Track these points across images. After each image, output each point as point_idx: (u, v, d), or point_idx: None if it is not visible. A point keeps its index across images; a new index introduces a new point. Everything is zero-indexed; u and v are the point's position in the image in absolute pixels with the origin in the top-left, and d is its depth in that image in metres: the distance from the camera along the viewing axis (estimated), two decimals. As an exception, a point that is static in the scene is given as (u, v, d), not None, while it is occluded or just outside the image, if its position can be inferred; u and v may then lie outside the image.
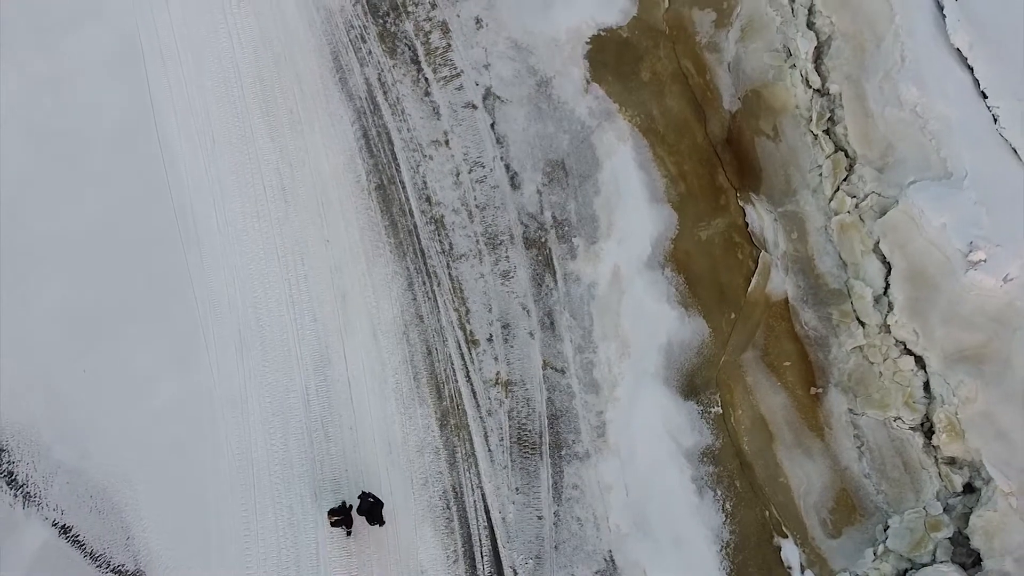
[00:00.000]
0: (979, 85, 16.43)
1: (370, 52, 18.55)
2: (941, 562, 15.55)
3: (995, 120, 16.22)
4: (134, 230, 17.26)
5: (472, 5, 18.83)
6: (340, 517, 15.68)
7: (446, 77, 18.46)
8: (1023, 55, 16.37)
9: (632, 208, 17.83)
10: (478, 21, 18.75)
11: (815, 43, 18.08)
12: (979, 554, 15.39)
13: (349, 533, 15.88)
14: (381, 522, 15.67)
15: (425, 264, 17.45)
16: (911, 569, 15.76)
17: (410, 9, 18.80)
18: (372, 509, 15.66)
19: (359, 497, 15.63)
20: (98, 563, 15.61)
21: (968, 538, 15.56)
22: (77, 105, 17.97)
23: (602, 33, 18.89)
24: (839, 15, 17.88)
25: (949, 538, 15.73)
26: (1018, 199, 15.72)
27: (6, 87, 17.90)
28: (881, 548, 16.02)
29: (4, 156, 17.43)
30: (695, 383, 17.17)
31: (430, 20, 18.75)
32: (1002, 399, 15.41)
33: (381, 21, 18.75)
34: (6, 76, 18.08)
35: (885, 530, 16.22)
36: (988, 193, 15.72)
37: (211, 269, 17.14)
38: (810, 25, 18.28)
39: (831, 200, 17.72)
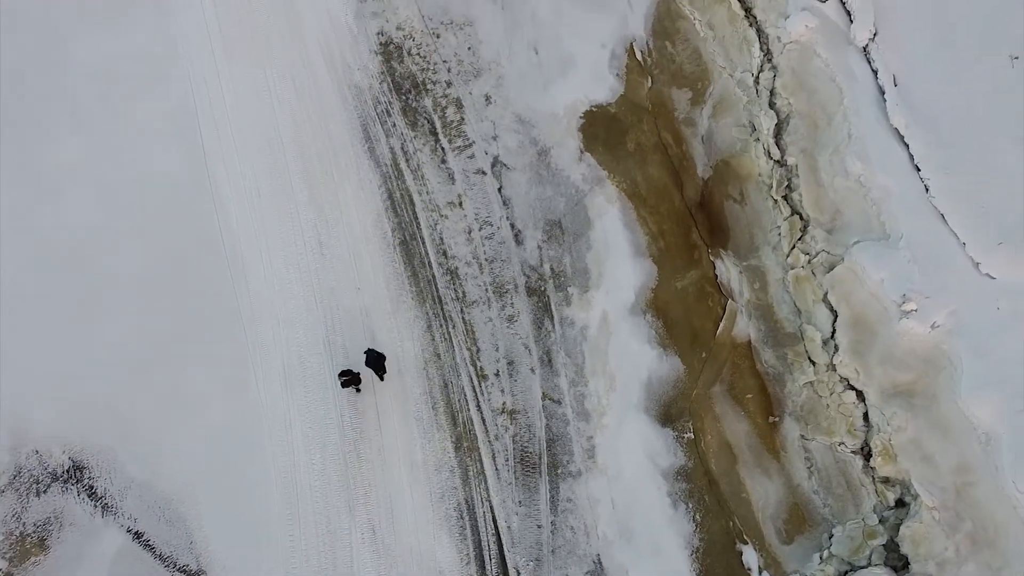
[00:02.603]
0: (913, 160, 17.03)
1: (394, 124, 19.27)
2: (876, 565, 16.13)
3: (927, 190, 16.79)
4: (191, 276, 17.92)
5: (482, 84, 19.57)
6: (348, 377, 16.63)
7: (460, 147, 19.18)
8: (950, 134, 16.91)
9: (619, 262, 18.35)
10: (487, 98, 19.55)
11: (775, 120, 18.61)
12: (907, 559, 15.98)
13: (359, 390, 17.05)
14: (384, 371, 16.52)
15: (442, 309, 18.14)
16: (850, 571, 16.22)
17: (429, 87, 19.58)
18: (377, 360, 16.31)
19: (365, 352, 16.38)
20: (166, 564, 16.53)
21: (899, 545, 16.12)
22: (139, 163, 18.56)
23: (594, 109, 19.49)
24: (796, 97, 18.46)
25: (883, 545, 16.30)
26: (945, 258, 16.36)
27: (76, 148, 18.74)
28: (826, 553, 16.53)
29: (74, 208, 18.34)
30: (671, 412, 17.66)
31: (446, 97, 19.56)
32: (928, 428, 16.07)
33: (404, 97, 19.51)
34: (77, 138, 18.78)
35: (830, 538, 16.70)
36: (920, 253, 16.39)
37: (258, 312, 17.86)
38: (771, 105, 18.80)
39: (788, 256, 18.11)
